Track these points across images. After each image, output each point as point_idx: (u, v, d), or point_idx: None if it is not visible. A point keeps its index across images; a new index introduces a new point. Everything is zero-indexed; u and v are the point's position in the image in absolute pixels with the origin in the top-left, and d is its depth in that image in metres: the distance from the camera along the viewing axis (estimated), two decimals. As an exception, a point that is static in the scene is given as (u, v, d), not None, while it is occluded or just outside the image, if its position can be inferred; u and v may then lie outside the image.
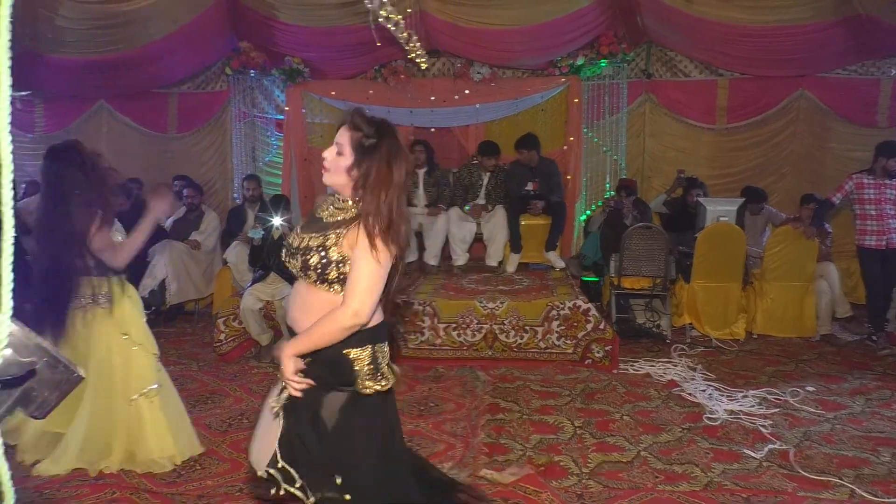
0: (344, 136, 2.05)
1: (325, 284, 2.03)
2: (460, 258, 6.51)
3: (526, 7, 6.31)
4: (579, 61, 6.99)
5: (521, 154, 6.43)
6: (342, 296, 2.00)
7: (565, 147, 7.38)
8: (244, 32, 7.13)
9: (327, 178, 2.10)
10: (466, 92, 7.30)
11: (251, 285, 5.24)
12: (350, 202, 2.08)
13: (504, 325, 5.20)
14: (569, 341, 5.18)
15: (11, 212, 0.88)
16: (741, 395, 4.45)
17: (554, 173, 6.61)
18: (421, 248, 6.62)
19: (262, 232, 5.23)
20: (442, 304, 5.28)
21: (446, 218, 6.47)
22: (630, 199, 6.48)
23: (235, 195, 7.76)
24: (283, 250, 2.18)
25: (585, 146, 7.38)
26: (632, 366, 5.12)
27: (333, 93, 7.47)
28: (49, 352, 0.96)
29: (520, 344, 5.21)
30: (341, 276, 2.01)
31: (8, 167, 0.87)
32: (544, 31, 6.52)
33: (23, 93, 7.74)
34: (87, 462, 3.28)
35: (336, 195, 2.13)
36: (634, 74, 7.35)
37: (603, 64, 7.04)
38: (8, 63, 0.80)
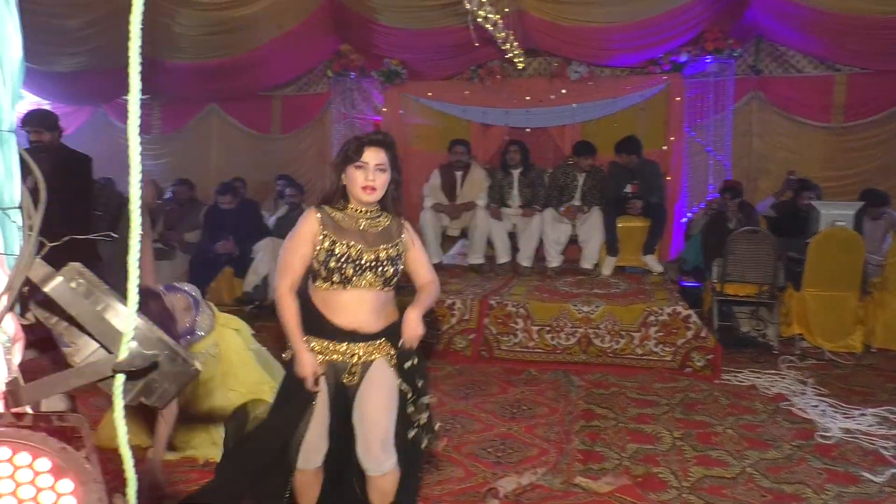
0: (381, 155, 2.27)
1: (388, 287, 2.33)
2: (554, 260, 6.41)
3: (627, 3, 6.16)
4: (683, 58, 6.74)
5: (621, 157, 6.27)
6: (393, 291, 2.36)
7: (665, 147, 7.14)
8: (345, 35, 7.31)
9: (374, 196, 2.28)
10: (563, 91, 7.20)
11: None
12: (383, 211, 2.36)
13: (599, 329, 5.08)
14: (667, 348, 5.00)
15: (139, 210, 0.91)
16: (858, 412, 4.14)
17: (655, 175, 6.40)
18: (514, 249, 6.56)
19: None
20: (535, 306, 5.22)
21: (541, 219, 6.39)
22: (735, 201, 6.18)
23: (335, 195, 7.93)
24: (347, 266, 2.23)
25: (687, 146, 7.11)
26: (735, 376, 4.87)
27: (430, 94, 7.53)
28: (170, 345, 1.00)
29: (615, 349, 5.07)
30: (397, 276, 2.34)
31: (137, 168, 0.91)
32: (646, 27, 6.34)
33: (142, 97, 8.23)
34: (195, 447, 3.43)
35: (360, 208, 2.32)
36: (741, 71, 7.01)
37: (708, 61, 6.76)
38: (138, 69, 0.84)
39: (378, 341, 2.31)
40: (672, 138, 7.05)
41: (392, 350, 2.33)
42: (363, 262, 2.23)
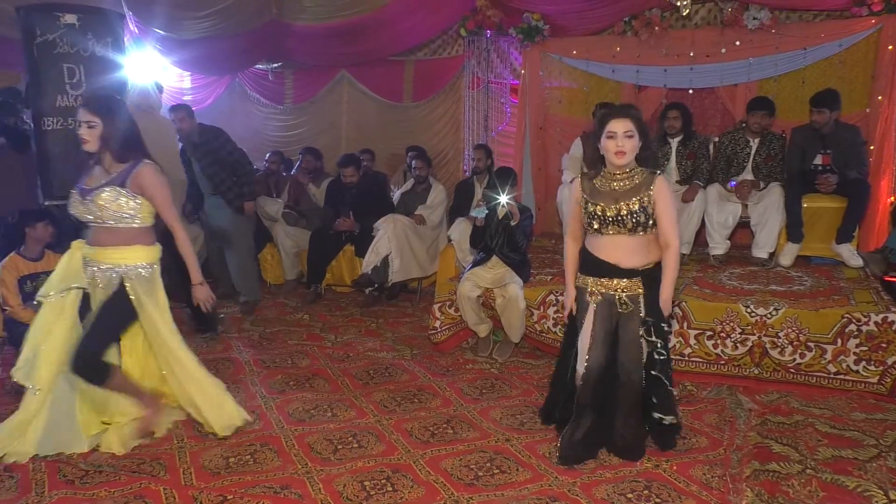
0: (627, 124, 2.91)
1: (643, 231, 2.98)
2: (719, 246, 5.34)
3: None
4: (902, -6, 5.32)
5: (821, 115, 5.04)
6: (654, 231, 3.00)
7: (868, 110, 5.75)
8: (482, -12, 6.57)
9: (624, 160, 2.94)
10: (737, 43, 5.98)
11: (470, 269, 4.67)
12: (636, 169, 3.00)
13: (778, 337, 4.03)
14: (872, 367, 3.87)
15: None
16: None
17: (855, 143, 5.13)
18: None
19: (486, 211, 4.60)
20: (694, 304, 4.25)
21: (703, 196, 5.34)
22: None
23: (465, 167, 7.31)
24: (594, 221, 3.01)
25: (900, 108, 5.68)
26: (969, 409, 3.67)
27: (575, 52, 6.61)
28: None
29: (799, 364, 4.00)
30: (654, 222, 2.97)
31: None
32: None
33: (274, 65, 8.01)
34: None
35: (615, 171, 3.01)
36: (984, 7, 5.44)
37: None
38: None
39: (636, 278, 3.02)
40: (879, 97, 5.64)
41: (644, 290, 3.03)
42: (607, 216, 2.97)
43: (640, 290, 3.01)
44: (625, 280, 3.01)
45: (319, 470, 3.07)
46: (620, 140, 2.89)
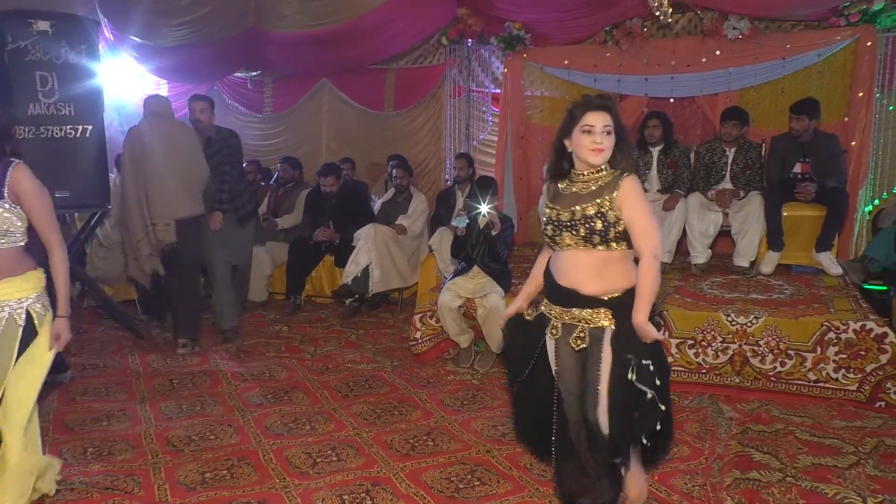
0: (606, 118, 2.39)
1: (603, 245, 2.38)
2: (700, 255, 5.35)
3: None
4: (877, 6, 5.37)
5: (799, 121, 5.07)
6: (624, 247, 2.39)
7: (846, 119, 5.80)
8: (463, -3, 6.57)
9: (601, 158, 2.41)
10: (717, 53, 6.01)
11: (451, 279, 4.63)
12: (605, 170, 2.44)
13: (759, 346, 4.03)
14: (852, 375, 3.88)
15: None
16: None
17: (833, 152, 5.16)
18: (651, 242, 5.55)
19: (467, 220, 4.57)
20: (676, 312, 4.24)
21: (684, 205, 5.35)
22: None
23: (447, 176, 7.29)
24: (548, 227, 2.48)
25: (877, 117, 5.74)
26: (947, 416, 3.69)
27: (556, 61, 6.62)
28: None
29: (780, 372, 4.01)
30: (619, 234, 2.37)
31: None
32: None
33: (253, 73, 7.94)
34: None
35: (585, 171, 2.47)
36: (956, 19, 5.52)
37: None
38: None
39: (600, 308, 2.39)
40: (857, 107, 5.69)
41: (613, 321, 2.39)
42: (561, 221, 2.43)
43: (607, 324, 2.38)
44: (586, 310, 2.41)
45: (297, 484, 3.01)
46: (599, 136, 2.37)
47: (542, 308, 2.56)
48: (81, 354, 4.92)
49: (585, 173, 2.46)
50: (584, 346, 2.41)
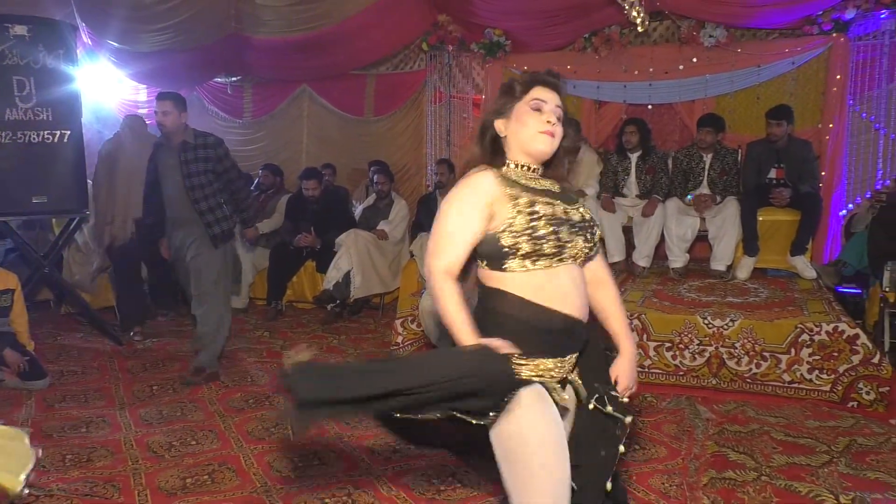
0: (557, 98, 1.82)
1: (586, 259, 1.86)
2: (678, 260, 5.43)
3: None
4: (849, 14, 5.50)
5: (779, 126, 5.18)
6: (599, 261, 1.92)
7: (820, 125, 5.93)
8: (443, 4, 6.60)
9: (551, 146, 1.80)
10: (694, 60, 6.13)
11: (432, 283, 4.66)
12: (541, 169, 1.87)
13: (735, 348, 4.11)
14: (825, 376, 3.96)
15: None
16: None
17: (807, 158, 5.28)
18: (630, 247, 5.63)
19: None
20: (654, 316, 4.31)
21: (663, 210, 5.43)
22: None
23: (428, 182, 7.32)
24: (562, 228, 1.74)
25: (850, 123, 5.86)
26: (917, 415, 3.77)
27: (536, 67, 6.67)
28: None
29: (755, 374, 4.08)
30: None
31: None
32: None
33: (233, 78, 7.93)
34: None
35: (531, 167, 1.85)
36: (927, 28, 5.67)
37: (883, 16, 5.48)
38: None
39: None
40: (830, 114, 5.83)
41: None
42: (574, 221, 1.77)
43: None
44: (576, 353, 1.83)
45: (279, 488, 3.01)
46: (549, 114, 1.79)
47: (528, 373, 1.71)
48: (59, 361, 4.88)
49: (535, 168, 1.85)
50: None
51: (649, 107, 6.56)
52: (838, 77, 5.74)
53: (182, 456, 3.35)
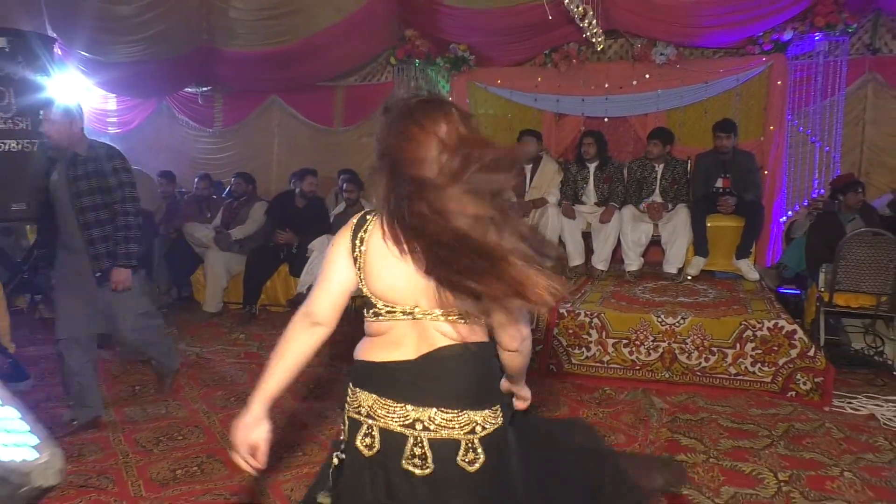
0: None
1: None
2: (634, 263, 5.78)
3: (723, -28, 5.45)
4: (787, 35, 5.95)
5: (727, 139, 5.57)
6: None
7: (762, 138, 6.37)
8: (410, 19, 6.86)
9: None
10: (647, 76, 6.52)
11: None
12: None
13: (685, 344, 4.45)
14: (766, 368, 4.32)
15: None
16: None
17: (751, 169, 5.68)
18: (589, 251, 5.96)
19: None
20: (612, 315, 4.63)
21: (619, 217, 5.78)
22: (857, 197, 5.33)
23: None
24: None
25: (789, 136, 6.31)
26: (848, 403, 4.15)
27: (500, 81, 7.01)
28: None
29: (704, 367, 4.42)
30: None
31: None
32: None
33: (204, 88, 8.05)
34: None
35: None
36: (856, 50, 6.16)
37: (817, 38, 5.93)
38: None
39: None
40: (771, 128, 6.27)
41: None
42: None
43: None
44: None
45: (267, 477, 3.20)
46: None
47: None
48: (40, 363, 4.96)
49: None
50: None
51: (606, 120, 6.93)
52: (778, 94, 6.19)
53: (170, 450, 3.52)
